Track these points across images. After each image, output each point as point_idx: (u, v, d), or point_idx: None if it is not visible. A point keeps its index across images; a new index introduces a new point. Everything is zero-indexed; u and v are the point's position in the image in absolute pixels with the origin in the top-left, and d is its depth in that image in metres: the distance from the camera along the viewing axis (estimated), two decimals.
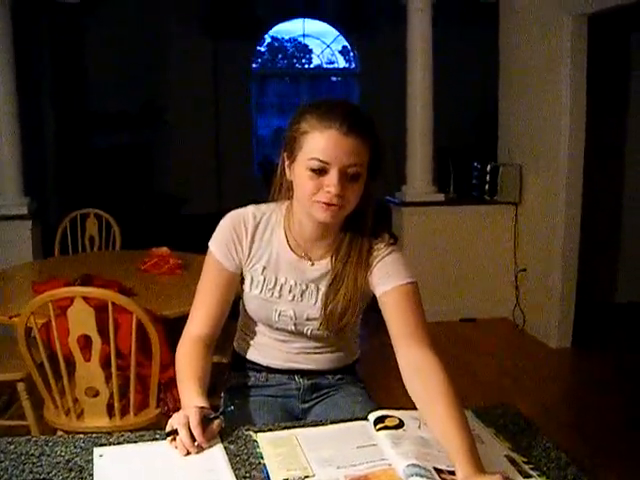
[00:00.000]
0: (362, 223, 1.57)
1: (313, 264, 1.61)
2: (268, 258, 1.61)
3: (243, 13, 9.62)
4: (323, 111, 1.45)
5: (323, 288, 1.61)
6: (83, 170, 8.68)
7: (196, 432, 1.28)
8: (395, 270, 1.55)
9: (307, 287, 1.62)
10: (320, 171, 1.43)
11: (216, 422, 1.34)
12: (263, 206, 1.65)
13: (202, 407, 1.35)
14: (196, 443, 1.27)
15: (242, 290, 1.66)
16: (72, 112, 8.61)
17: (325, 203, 1.45)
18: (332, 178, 1.42)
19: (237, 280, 1.63)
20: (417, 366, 1.43)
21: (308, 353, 1.72)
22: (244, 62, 10.38)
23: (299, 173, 1.47)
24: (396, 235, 1.63)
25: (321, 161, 1.42)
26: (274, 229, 1.62)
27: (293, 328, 1.65)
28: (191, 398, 1.40)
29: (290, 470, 1.20)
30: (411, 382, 1.42)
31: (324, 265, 1.61)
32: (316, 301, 1.61)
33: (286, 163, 1.53)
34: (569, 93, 4.35)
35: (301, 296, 1.62)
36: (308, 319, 1.63)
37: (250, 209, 1.63)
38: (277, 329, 1.67)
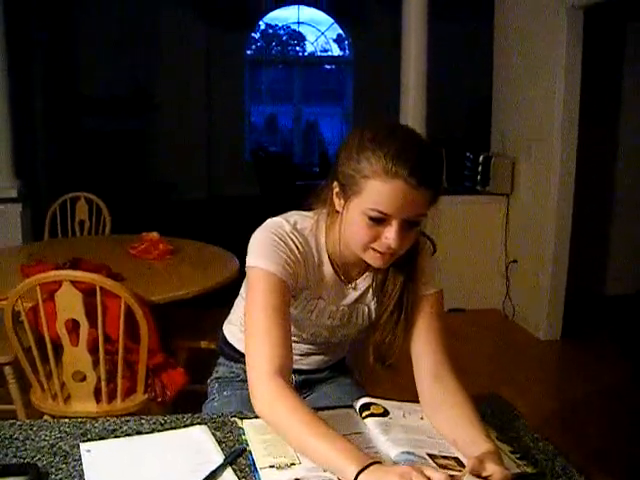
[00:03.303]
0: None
1: (353, 286, 1.50)
2: (311, 279, 1.45)
3: None
4: (389, 154, 1.23)
5: (364, 308, 1.53)
6: (74, 154, 8.64)
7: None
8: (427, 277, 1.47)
9: (348, 310, 1.53)
10: (379, 220, 1.27)
11: None
12: (298, 222, 1.43)
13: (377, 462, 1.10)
14: None
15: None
16: (63, 96, 8.55)
17: (380, 252, 1.31)
18: (393, 230, 1.27)
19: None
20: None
21: (309, 355, 1.68)
22: (237, 48, 10.35)
23: (353, 217, 1.30)
24: (434, 241, 1.51)
25: (383, 213, 1.25)
26: (320, 251, 1.45)
27: (321, 341, 1.62)
28: (358, 452, 1.12)
29: (276, 457, 1.19)
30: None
31: (363, 284, 1.51)
32: (357, 323, 1.55)
33: (335, 191, 1.35)
34: (563, 85, 4.34)
35: (340, 320, 1.54)
36: (339, 336, 1.60)
37: (289, 226, 1.41)
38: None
